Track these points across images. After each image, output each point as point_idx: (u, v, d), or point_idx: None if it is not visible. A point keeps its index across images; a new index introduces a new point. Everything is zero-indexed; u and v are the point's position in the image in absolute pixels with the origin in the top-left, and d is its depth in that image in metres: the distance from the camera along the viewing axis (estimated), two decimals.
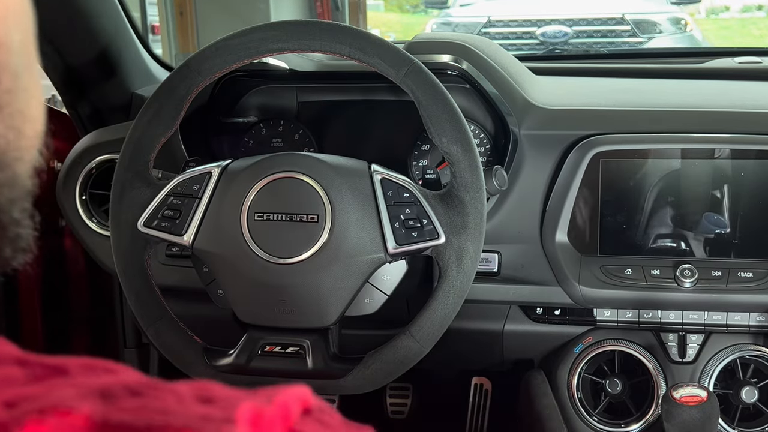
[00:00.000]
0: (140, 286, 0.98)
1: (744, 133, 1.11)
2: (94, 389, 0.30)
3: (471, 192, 0.93)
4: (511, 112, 1.16)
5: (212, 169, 0.98)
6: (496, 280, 1.18)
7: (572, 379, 1.21)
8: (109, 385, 0.31)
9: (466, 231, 0.93)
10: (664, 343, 1.19)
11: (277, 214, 0.94)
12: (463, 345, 1.29)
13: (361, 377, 0.95)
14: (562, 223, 1.13)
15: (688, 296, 1.11)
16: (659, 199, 1.13)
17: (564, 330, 1.24)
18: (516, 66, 1.27)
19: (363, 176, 0.95)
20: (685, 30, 5.60)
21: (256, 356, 0.97)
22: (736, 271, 1.10)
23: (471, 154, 0.93)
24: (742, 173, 1.11)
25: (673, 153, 1.12)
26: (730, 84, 1.38)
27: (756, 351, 1.17)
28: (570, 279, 1.13)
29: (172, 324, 0.99)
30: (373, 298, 1.00)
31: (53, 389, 0.30)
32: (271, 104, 1.29)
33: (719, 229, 1.12)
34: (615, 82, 1.41)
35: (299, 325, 0.96)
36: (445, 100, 0.94)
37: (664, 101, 1.21)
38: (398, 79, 0.94)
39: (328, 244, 0.93)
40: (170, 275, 1.19)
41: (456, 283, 0.93)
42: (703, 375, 1.17)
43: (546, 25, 5.37)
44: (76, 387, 0.30)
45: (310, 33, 0.94)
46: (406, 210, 0.93)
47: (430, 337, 0.94)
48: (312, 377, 0.97)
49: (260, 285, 0.95)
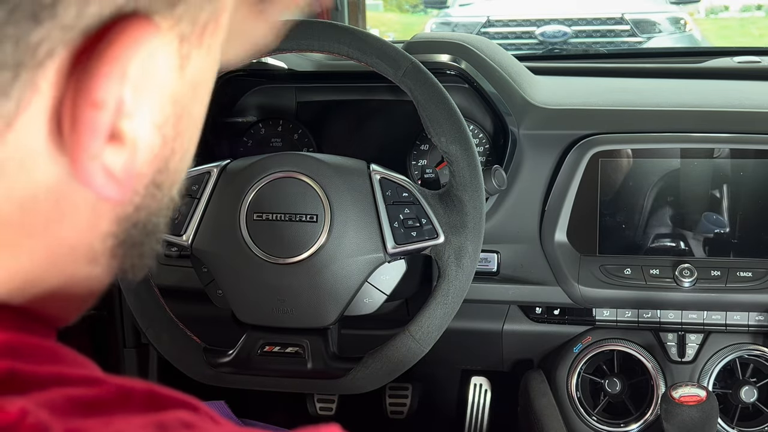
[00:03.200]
0: (139, 287, 0.98)
1: (743, 132, 1.11)
2: (149, 424, 0.31)
3: (470, 191, 0.93)
4: (510, 112, 1.16)
5: (211, 169, 0.98)
6: (496, 279, 1.18)
7: (571, 379, 1.21)
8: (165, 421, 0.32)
9: (465, 230, 0.93)
10: (664, 343, 1.19)
11: (276, 214, 0.94)
12: (462, 345, 1.29)
13: (361, 377, 0.95)
14: (562, 223, 1.13)
15: (688, 296, 1.11)
16: (658, 199, 1.13)
17: (563, 330, 1.24)
18: (515, 66, 1.27)
19: (362, 176, 0.95)
20: (685, 30, 5.60)
21: (256, 356, 0.97)
22: (736, 271, 1.10)
23: (470, 153, 0.93)
24: (741, 173, 1.11)
25: (672, 153, 1.12)
26: (729, 83, 1.38)
27: (755, 350, 1.17)
28: (569, 279, 1.13)
29: (172, 324, 0.99)
30: (372, 298, 1.00)
31: (111, 423, 0.31)
32: (270, 104, 1.29)
33: (718, 229, 1.12)
34: (614, 82, 1.41)
35: (298, 324, 0.96)
36: (444, 100, 0.94)
37: (663, 101, 1.21)
38: (397, 78, 0.94)
39: (327, 243, 0.93)
40: (169, 275, 1.19)
41: (455, 282, 0.93)
42: (702, 375, 1.17)
43: (545, 25, 5.37)
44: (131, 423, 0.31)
45: (309, 32, 0.94)
46: (405, 210, 0.93)
47: (429, 337, 0.94)
48: (311, 377, 0.97)
49: (259, 285, 0.95)
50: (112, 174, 0.34)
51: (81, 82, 0.32)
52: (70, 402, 0.31)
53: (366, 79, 1.22)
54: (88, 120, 0.32)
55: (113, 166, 0.34)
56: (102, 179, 0.34)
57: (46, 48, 0.31)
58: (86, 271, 0.38)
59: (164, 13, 0.34)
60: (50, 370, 0.33)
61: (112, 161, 0.34)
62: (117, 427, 0.31)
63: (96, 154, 0.33)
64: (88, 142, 0.32)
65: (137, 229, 0.38)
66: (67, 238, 0.36)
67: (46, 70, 0.31)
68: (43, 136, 0.33)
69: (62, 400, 0.31)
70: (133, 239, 0.39)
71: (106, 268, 0.39)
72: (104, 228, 0.37)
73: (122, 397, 0.33)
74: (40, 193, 0.34)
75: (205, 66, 0.38)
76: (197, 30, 0.36)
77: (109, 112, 0.32)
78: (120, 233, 0.38)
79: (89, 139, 0.32)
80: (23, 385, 0.31)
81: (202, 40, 0.37)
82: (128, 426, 0.31)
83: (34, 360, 0.33)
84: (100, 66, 0.32)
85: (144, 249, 0.40)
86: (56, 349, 0.35)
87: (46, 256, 0.35)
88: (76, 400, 0.31)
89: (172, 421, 0.32)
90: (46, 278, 0.36)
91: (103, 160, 0.33)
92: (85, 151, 0.33)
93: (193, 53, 0.36)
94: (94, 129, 0.32)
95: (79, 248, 0.37)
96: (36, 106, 0.32)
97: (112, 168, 0.34)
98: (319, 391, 1.33)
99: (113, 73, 0.32)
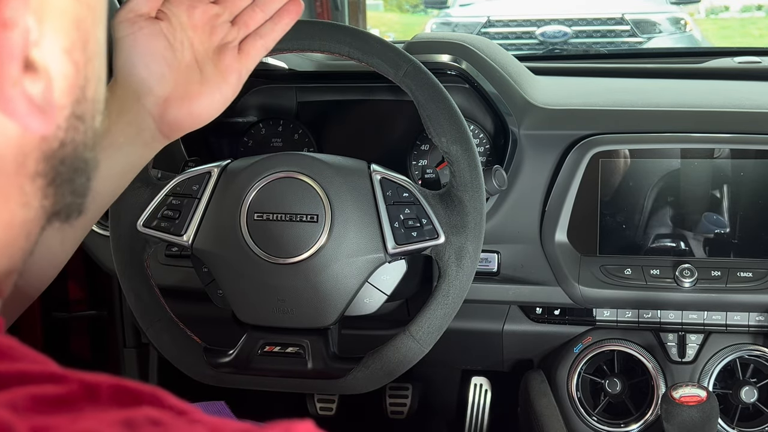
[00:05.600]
0: (140, 287, 0.98)
1: (743, 132, 1.11)
2: (117, 421, 0.31)
3: (470, 192, 0.93)
4: (510, 112, 1.16)
5: (212, 169, 0.97)
6: (496, 280, 1.18)
7: (572, 379, 1.21)
8: (133, 418, 0.31)
9: (466, 231, 0.93)
10: (664, 343, 1.19)
11: (276, 214, 0.94)
12: (462, 345, 1.29)
13: (361, 377, 0.95)
14: (562, 223, 1.13)
15: (688, 296, 1.11)
16: (659, 199, 1.13)
17: (563, 330, 1.24)
18: (515, 66, 1.27)
19: (362, 176, 0.95)
20: (685, 30, 5.59)
21: (256, 356, 0.97)
22: (736, 271, 1.10)
23: (470, 153, 0.93)
24: (741, 173, 1.11)
25: (672, 153, 1.12)
26: (729, 84, 1.38)
27: (755, 351, 1.17)
28: (569, 279, 1.13)
29: (172, 324, 0.99)
30: (372, 298, 1.00)
31: (78, 420, 0.30)
32: (270, 104, 1.29)
33: (719, 229, 1.12)
34: (614, 82, 1.41)
35: (299, 325, 0.96)
36: (445, 100, 0.93)
37: (663, 101, 1.21)
38: (397, 78, 0.94)
39: (328, 244, 0.93)
40: (170, 275, 1.19)
41: (456, 282, 0.93)
42: (702, 375, 1.17)
43: (545, 25, 5.37)
44: (99, 420, 0.31)
45: (309, 32, 0.94)
46: (405, 210, 0.93)
47: (429, 337, 0.94)
48: (312, 377, 0.97)
49: (260, 285, 0.95)
50: (34, 102, 0.34)
51: None
52: (34, 399, 0.31)
53: (366, 79, 1.22)
54: (2, 42, 0.32)
55: (33, 95, 0.34)
56: (24, 107, 0.34)
57: None
58: (20, 216, 0.37)
59: None
60: (9, 368, 0.32)
61: (31, 90, 0.34)
62: (84, 424, 0.30)
63: (16, 79, 0.33)
64: (6, 66, 0.33)
65: (65, 166, 0.38)
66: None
67: None
68: None
69: (25, 398, 0.30)
70: (63, 176, 0.38)
71: (39, 210, 0.38)
72: (32, 168, 0.37)
73: (88, 393, 0.32)
74: None
75: None
76: None
77: (20, 32, 0.33)
78: (48, 171, 0.37)
79: (6, 62, 0.33)
80: None
81: None
82: (96, 423, 0.31)
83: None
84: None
85: (75, 186, 0.39)
86: (11, 345, 0.34)
87: None
88: (40, 398, 0.31)
89: (140, 419, 0.31)
90: None
91: (23, 88, 0.33)
92: (6, 78, 0.33)
93: None
94: (9, 52, 0.33)
95: (11, 192, 0.36)
96: None
97: (33, 97, 0.34)
98: (319, 391, 1.33)
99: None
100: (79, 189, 0.40)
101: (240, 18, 0.79)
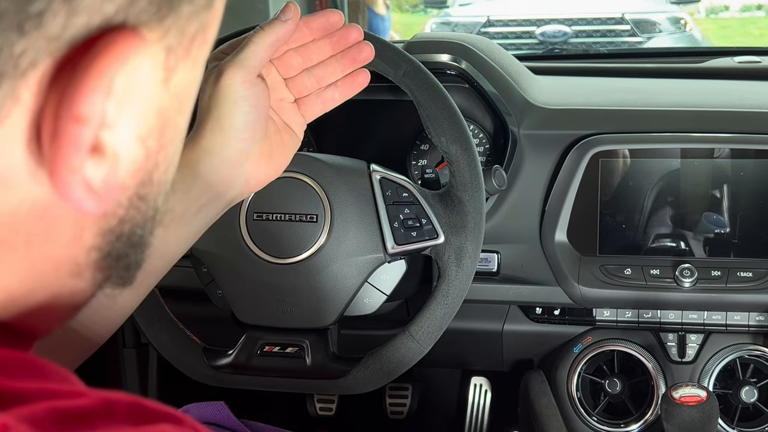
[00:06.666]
0: None
1: (743, 132, 1.11)
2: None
3: (470, 191, 0.93)
4: (510, 112, 1.16)
5: None
6: (496, 279, 1.18)
7: (572, 379, 1.21)
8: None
9: (466, 230, 0.92)
10: (664, 343, 1.19)
11: (275, 214, 0.94)
12: (462, 345, 1.29)
13: (361, 377, 0.95)
14: (562, 223, 1.13)
15: (688, 296, 1.11)
16: (659, 199, 1.13)
17: (563, 330, 1.24)
18: (515, 65, 1.27)
19: (362, 176, 0.95)
20: (685, 29, 5.59)
21: (255, 356, 0.97)
22: (736, 271, 1.10)
23: (470, 153, 0.93)
24: (741, 173, 1.11)
25: (672, 153, 1.12)
26: (729, 83, 1.38)
27: (755, 351, 1.17)
28: (569, 279, 1.13)
29: (171, 324, 0.99)
30: (372, 298, 1.00)
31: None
32: None
33: (719, 229, 1.12)
34: (614, 82, 1.41)
35: (298, 325, 0.96)
36: (444, 100, 0.93)
37: (663, 101, 1.21)
38: (397, 78, 0.94)
39: (327, 244, 0.93)
40: (169, 275, 1.17)
41: (455, 282, 0.93)
42: (702, 375, 1.17)
43: (545, 25, 5.37)
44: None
45: None
46: (405, 210, 0.93)
47: (429, 337, 0.94)
48: (311, 377, 0.97)
49: (259, 285, 0.95)
50: (92, 187, 0.33)
51: (64, 95, 0.31)
52: (53, 415, 0.30)
53: None
54: (70, 134, 0.31)
55: (93, 179, 0.33)
56: (81, 193, 0.33)
57: (30, 58, 0.30)
58: (71, 285, 0.37)
59: (152, 25, 0.33)
60: (32, 385, 0.32)
61: (92, 174, 0.33)
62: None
63: (76, 168, 0.32)
64: (68, 156, 0.32)
65: (122, 242, 0.38)
66: (50, 253, 0.35)
67: (29, 80, 0.30)
68: (21, 148, 0.32)
69: (45, 413, 0.30)
70: (118, 252, 0.38)
71: (90, 281, 0.38)
72: (88, 241, 0.36)
73: (106, 410, 0.32)
74: (21, 208, 0.33)
75: (190, 78, 0.37)
76: (185, 42, 0.35)
77: (93, 126, 0.32)
78: (104, 246, 0.37)
79: (70, 153, 0.31)
80: (4, 400, 0.30)
81: (190, 52, 0.36)
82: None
83: (15, 374, 0.32)
84: (85, 80, 0.31)
85: (129, 261, 0.39)
86: (37, 363, 0.34)
87: (29, 271, 0.35)
88: (59, 414, 0.31)
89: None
90: (30, 293, 0.35)
91: (83, 174, 0.32)
92: (65, 165, 0.32)
93: (180, 66, 0.36)
94: (75, 143, 0.31)
95: (63, 262, 0.36)
96: (16, 117, 0.31)
97: (92, 181, 0.33)
98: (319, 391, 1.33)
99: (98, 87, 0.31)
100: (132, 264, 0.40)
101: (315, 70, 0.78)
